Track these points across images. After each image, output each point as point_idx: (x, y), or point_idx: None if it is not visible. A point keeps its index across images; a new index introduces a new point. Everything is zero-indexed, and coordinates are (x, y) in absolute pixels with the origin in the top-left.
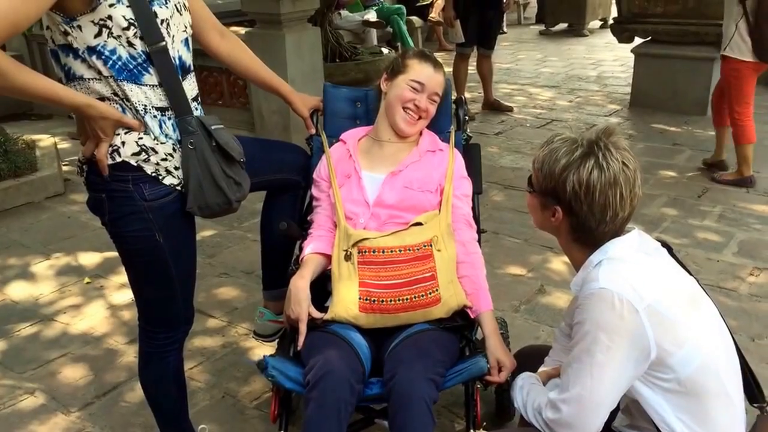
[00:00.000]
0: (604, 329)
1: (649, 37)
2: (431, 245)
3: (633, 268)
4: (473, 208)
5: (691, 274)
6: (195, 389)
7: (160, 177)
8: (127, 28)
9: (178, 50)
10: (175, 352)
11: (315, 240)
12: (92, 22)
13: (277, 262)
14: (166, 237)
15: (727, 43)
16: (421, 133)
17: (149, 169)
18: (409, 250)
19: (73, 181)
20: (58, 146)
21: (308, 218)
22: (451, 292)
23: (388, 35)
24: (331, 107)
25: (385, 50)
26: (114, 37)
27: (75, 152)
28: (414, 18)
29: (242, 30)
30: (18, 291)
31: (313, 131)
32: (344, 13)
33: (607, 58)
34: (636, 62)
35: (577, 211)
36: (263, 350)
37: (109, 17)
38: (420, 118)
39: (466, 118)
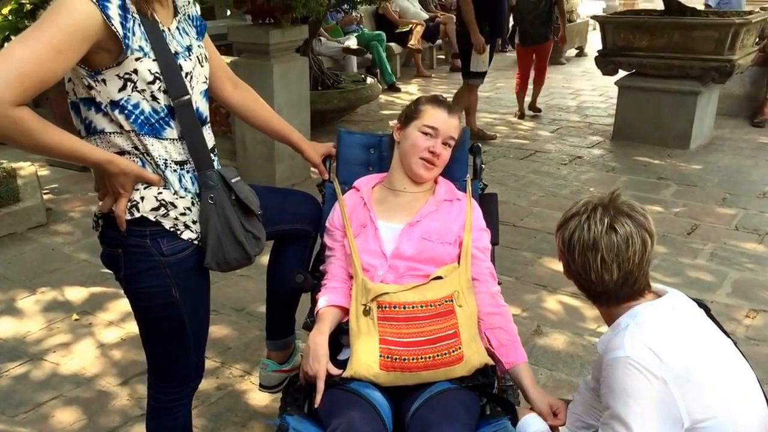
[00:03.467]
0: (634, 397)
1: (633, 70)
2: (452, 300)
3: (661, 335)
4: (492, 261)
5: (728, 336)
6: None
7: (179, 232)
8: (153, 82)
9: (197, 102)
10: (184, 406)
11: (330, 292)
12: (117, 75)
13: (283, 313)
14: (183, 293)
15: None
16: (436, 181)
17: (168, 223)
18: (431, 305)
19: (55, 210)
20: (39, 173)
21: (321, 268)
22: (474, 350)
23: (368, 62)
24: (345, 153)
25: (369, 79)
26: (138, 91)
27: (56, 179)
28: (393, 44)
29: (228, 59)
30: (5, 328)
31: (327, 176)
32: (324, 39)
33: (586, 88)
34: (620, 94)
35: (571, 269)
36: (260, 394)
37: (135, 71)
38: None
39: (482, 166)
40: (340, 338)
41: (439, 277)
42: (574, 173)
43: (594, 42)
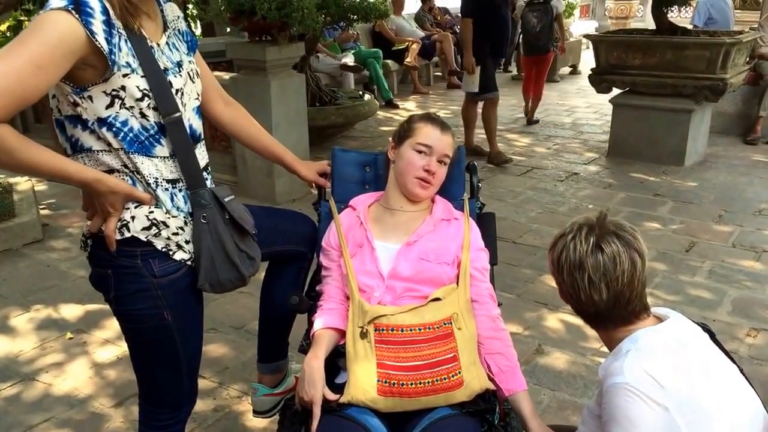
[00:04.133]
0: (636, 424)
1: (627, 88)
2: (451, 323)
3: (662, 363)
4: (491, 282)
5: (733, 361)
6: None
7: (171, 252)
8: (141, 99)
9: (190, 119)
10: None
11: (326, 313)
12: (104, 92)
13: (277, 335)
14: (175, 315)
15: None
16: (433, 200)
17: (159, 244)
18: (429, 328)
19: (51, 226)
20: (36, 188)
21: (317, 288)
22: (474, 374)
23: (365, 78)
24: (340, 172)
25: (367, 96)
26: (126, 108)
27: (53, 194)
28: (390, 62)
29: (226, 75)
30: None
31: (328, 186)
32: (322, 56)
33: (581, 105)
34: (614, 112)
35: (563, 290)
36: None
37: (123, 87)
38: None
39: (479, 185)
40: (337, 361)
41: (438, 299)
42: (572, 190)
43: (587, 60)
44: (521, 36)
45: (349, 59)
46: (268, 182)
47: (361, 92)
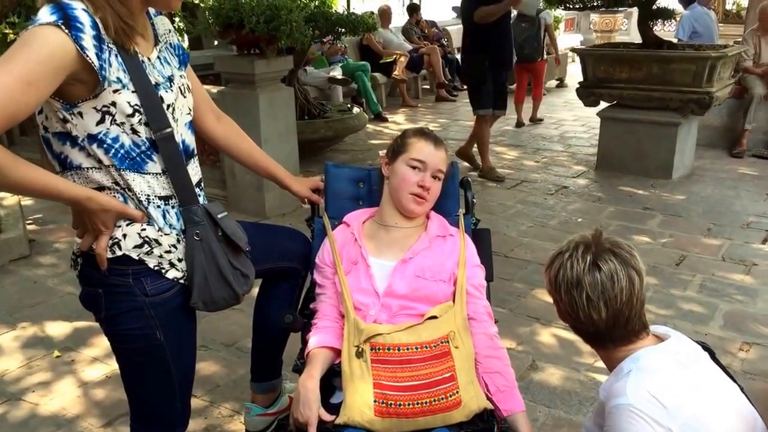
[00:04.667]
0: None
1: (615, 101)
2: (448, 341)
3: (665, 383)
4: (488, 298)
5: (734, 380)
6: None
7: (163, 270)
8: (132, 115)
9: (182, 134)
10: None
11: (320, 332)
12: (95, 108)
13: (270, 354)
14: (168, 334)
15: None
16: (428, 216)
17: (152, 262)
18: (426, 347)
19: (38, 241)
20: (22, 203)
21: (311, 306)
22: (472, 394)
23: (353, 91)
24: (333, 187)
25: (356, 109)
26: (117, 124)
27: (40, 209)
28: (378, 75)
29: (214, 89)
30: None
31: (321, 202)
32: (310, 69)
33: (568, 118)
34: (602, 125)
35: (561, 309)
36: None
37: (113, 103)
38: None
39: (474, 201)
40: (332, 380)
41: (434, 317)
42: (562, 203)
43: (573, 74)
44: None
45: (337, 72)
46: (257, 197)
47: (349, 105)
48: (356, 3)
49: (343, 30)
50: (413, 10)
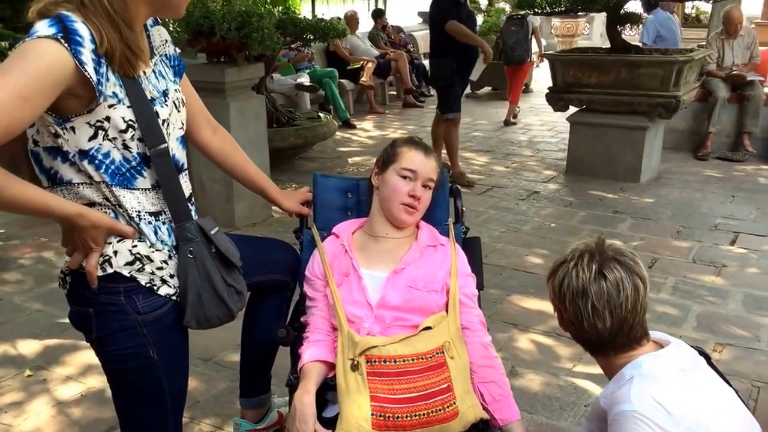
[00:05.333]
0: None
1: (584, 106)
2: (444, 352)
3: (668, 389)
4: (480, 307)
5: (729, 385)
6: None
7: (155, 287)
8: (125, 131)
9: (173, 149)
10: None
11: (313, 346)
12: (88, 123)
13: (260, 369)
14: (161, 352)
15: None
16: (418, 226)
17: (143, 279)
18: (422, 358)
19: (2, 258)
20: None
21: (301, 319)
22: (468, 404)
23: (321, 98)
24: (322, 198)
25: (324, 116)
26: (109, 140)
27: (3, 224)
28: (345, 81)
29: None
30: None
31: (309, 213)
32: (276, 76)
33: (535, 123)
34: (571, 130)
35: (564, 318)
36: None
37: (107, 118)
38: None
39: (464, 209)
40: (325, 394)
41: (429, 328)
42: (534, 208)
43: (538, 79)
44: (502, 47)
45: (304, 79)
46: (227, 207)
47: (318, 113)
48: (321, 9)
49: (312, 36)
50: (378, 15)
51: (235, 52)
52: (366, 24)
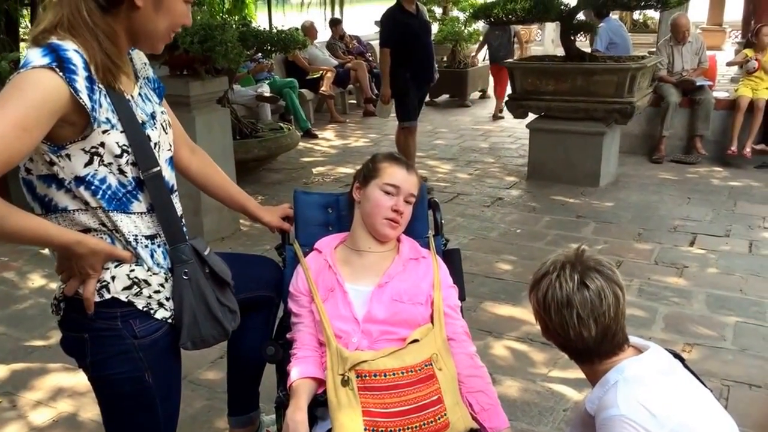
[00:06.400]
0: None
1: (543, 113)
2: (432, 364)
3: (652, 392)
4: (463, 317)
5: (705, 386)
6: None
7: (152, 311)
8: (120, 155)
9: (164, 171)
10: None
11: (301, 362)
12: (83, 150)
13: (248, 386)
14: (156, 376)
15: None
16: (399, 239)
17: (140, 303)
18: (411, 371)
19: None
20: None
21: (287, 336)
22: (458, 415)
23: (281, 108)
24: (303, 214)
25: (287, 127)
26: (105, 165)
27: None
28: (305, 91)
29: None
30: None
31: (290, 228)
32: (237, 87)
33: (494, 129)
34: (531, 136)
35: (549, 329)
36: None
37: (102, 144)
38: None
39: (443, 222)
40: (314, 411)
41: (416, 340)
42: (499, 215)
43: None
44: (488, 48)
45: (264, 89)
46: (195, 221)
47: (281, 124)
48: (278, 17)
49: (273, 48)
50: (335, 24)
51: (199, 65)
52: (324, 33)
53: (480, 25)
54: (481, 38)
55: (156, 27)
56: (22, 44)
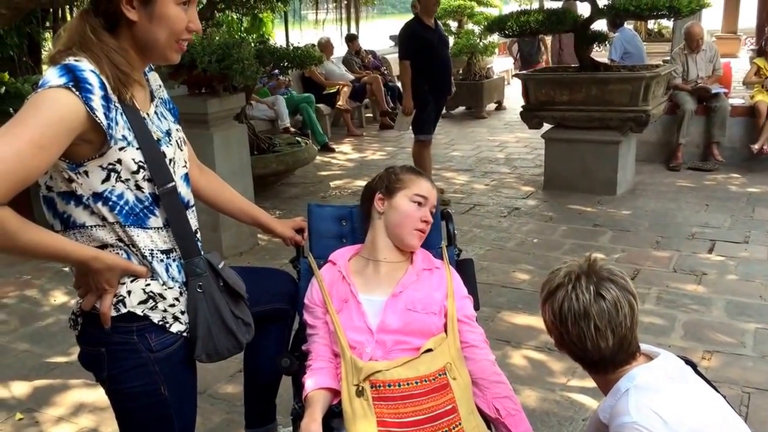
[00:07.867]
0: None
1: (557, 123)
2: (446, 373)
3: (664, 399)
4: None
5: (717, 391)
6: None
7: (168, 325)
8: (137, 172)
9: (179, 187)
10: None
11: (316, 373)
12: (100, 167)
13: (264, 399)
14: (171, 389)
15: None
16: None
17: (156, 317)
18: (426, 381)
19: None
20: None
21: (302, 348)
22: (474, 424)
23: (298, 123)
24: (317, 227)
25: (304, 141)
26: (122, 181)
27: None
28: (322, 105)
29: None
30: None
31: (304, 243)
32: (255, 103)
33: (510, 140)
34: (546, 146)
35: (565, 340)
36: None
37: (119, 161)
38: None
39: (455, 232)
40: (330, 422)
41: (430, 350)
42: (516, 225)
43: (510, 96)
44: (519, 54)
45: (280, 103)
46: (214, 237)
47: (297, 138)
48: (295, 34)
49: (289, 64)
50: (351, 39)
51: (217, 83)
52: (340, 49)
53: (495, 37)
54: (507, 48)
55: (156, 37)
56: (44, 66)
